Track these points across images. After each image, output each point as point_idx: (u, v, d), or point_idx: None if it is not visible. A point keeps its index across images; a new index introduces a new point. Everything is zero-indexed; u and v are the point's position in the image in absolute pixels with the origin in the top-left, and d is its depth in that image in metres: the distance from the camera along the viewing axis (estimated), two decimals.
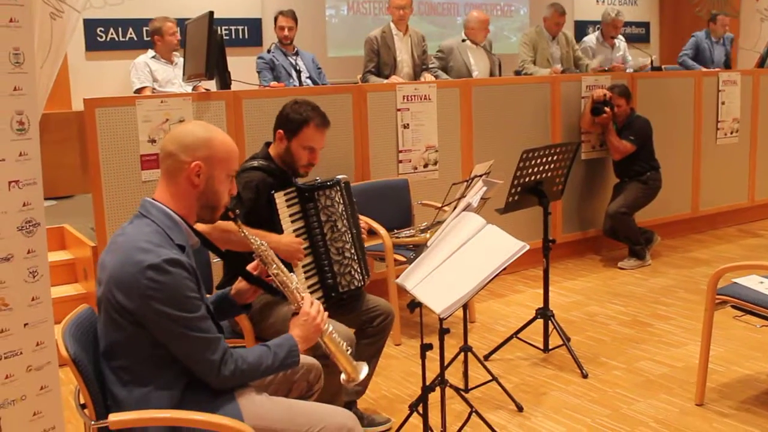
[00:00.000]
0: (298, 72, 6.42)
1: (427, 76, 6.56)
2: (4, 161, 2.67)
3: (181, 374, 2.28)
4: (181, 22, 6.12)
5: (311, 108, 3.47)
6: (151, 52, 6.47)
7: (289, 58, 6.50)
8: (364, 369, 2.63)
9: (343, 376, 2.62)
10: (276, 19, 6.65)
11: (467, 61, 6.87)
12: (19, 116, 2.71)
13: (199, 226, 2.66)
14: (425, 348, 3.03)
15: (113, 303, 2.20)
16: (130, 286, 2.17)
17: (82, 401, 2.26)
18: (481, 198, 3.44)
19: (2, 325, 2.69)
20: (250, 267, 2.66)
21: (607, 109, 6.20)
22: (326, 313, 2.57)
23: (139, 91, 6.28)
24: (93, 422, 2.20)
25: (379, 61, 6.65)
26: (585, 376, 4.15)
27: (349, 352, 2.63)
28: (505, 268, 2.80)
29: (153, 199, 2.37)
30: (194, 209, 2.39)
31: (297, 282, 2.60)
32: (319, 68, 6.73)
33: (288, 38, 6.54)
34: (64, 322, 2.30)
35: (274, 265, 2.55)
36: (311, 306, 2.52)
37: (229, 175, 2.42)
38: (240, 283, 2.69)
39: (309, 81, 6.47)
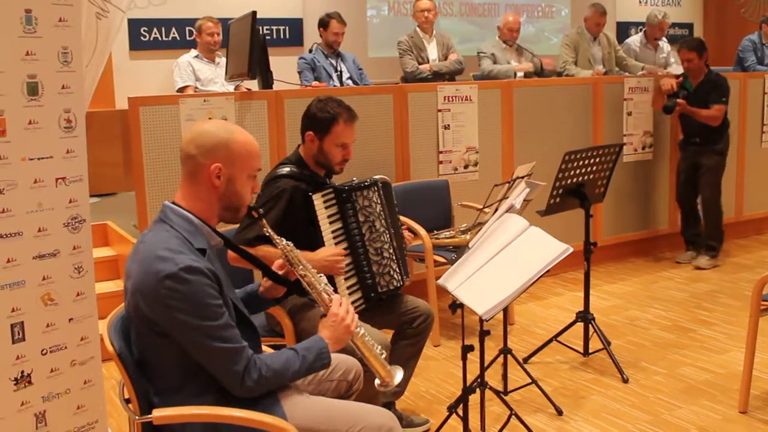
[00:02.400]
0: (339, 73, 6.44)
1: (452, 57, 6.88)
2: (51, 158, 2.70)
3: (210, 383, 2.28)
4: (224, 22, 6.17)
5: (337, 104, 3.43)
6: (194, 52, 6.55)
7: (330, 59, 6.52)
8: (398, 373, 2.59)
9: (377, 381, 2.59)
10: (328, 23, 6.58)
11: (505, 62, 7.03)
12: (66, 114, 2.74)
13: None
14: (466, 349, 3.02)
15: (139, 314, 2.21)
16: (151, 296, 2.17)
17: (126, 396, 2.28)
18: (524, 200, 3.42)
19: (48, 319, 2.72)
20: (275, 266, 2.65)
21: (678, 100, 6.08)
22: (356, 315, 2.53)
23: (181, 90, 6.34)
24: (137, 417, 2.22)
25: None
26: (625, 381, 4.11)
27: (383, 357, 2.60)
28: (547, 271, 2.79)
29: (173, 202, 2.36)
30: (216, 211, 2.38)
31: (326, 283, 2.58)
32: (360, 69, 6.75)
33: (339, 43, 6.56)
34: (109, 318, 2.33)
35: (301, 266, 2.54)
36: (340, 306, 2.49)
37: (251, 174, 2.40)
38: (267, 282, 2.69)
39: (350, 82, 6.49)
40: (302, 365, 2.34)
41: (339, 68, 6.50)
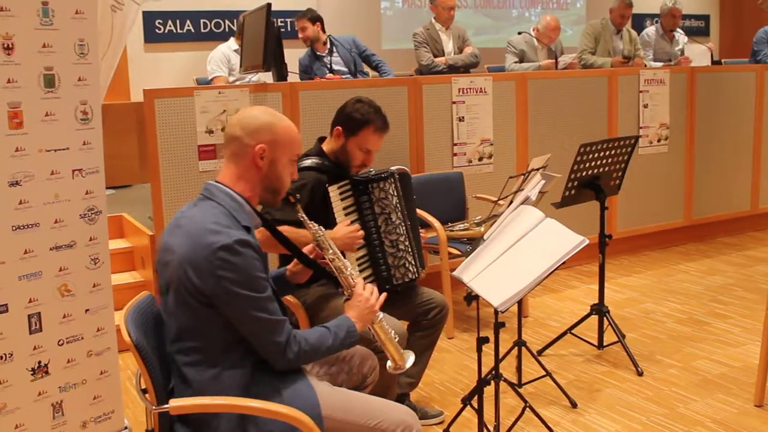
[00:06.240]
0: (334, 72, 6.42)
1: (468, 50, 6.89)
2: (68, 150, 2.72)
3: (249, 352, 2.32)
4: (237, 14, 6.17)
5: (374, 110, 3.43)
6: (234, 45, 6.52)
7: (324, 59, 6.50)
8: (410, 357, 2.67)
9: (389, 364, 2.65)
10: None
11: (535, 60, 7.05)
12: (83, 106, 2.76)
13: None
14: (482, 341, 3.02)
15: (186, 285, 2.23)
16: (203, 267, 2.21)
17: (143, 386, 2.29)
18: (539, 191, 3.40)
19: (65, 310, 2.75)
20: (306, 250, 2.72)
21: None
22: (380, 298, 2.60)
23: (213, 80, 6.35)
24: (154, 407, 2.23)
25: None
26: (640, 374, 4.09)
27: (396, 340, 2.66)
28: (562, 263, 2.78)
29: (216, 181, 2.41)
30: (258, 192, 2.43)
31: (351, 268, 2.66)
32: (364, 51, 6.66)
33: (307, 39, 6.55)
34: (126, 308, 2.33)
35: (331, 251, 2.62)
36: (364, 289, 2.58)
37: (292, 159, 2.47)
38: (295, 266, 2.77)
39: (350, 76, 6.43)
40: (334, 341, 2.43)
41: (331, 66, 6.47)
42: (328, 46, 6.56)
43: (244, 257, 2.23)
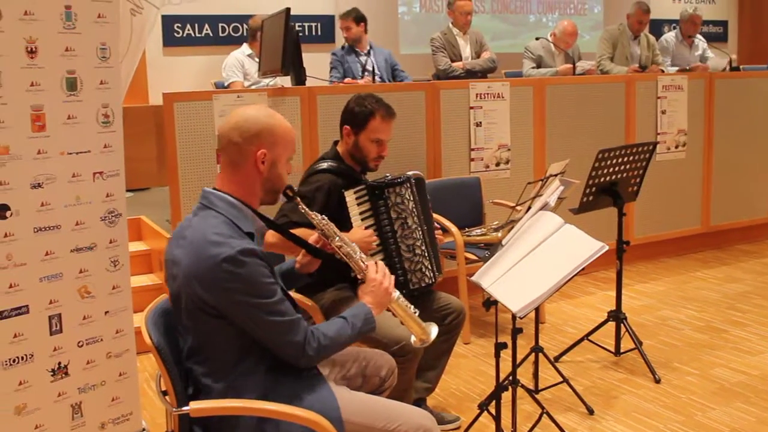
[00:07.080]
0: (367, 72, 6.43)
1: (485, 55, 6.89)
2: (89, 153, 2.74)
3: (262, 359, 2.31)
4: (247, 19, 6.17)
5: (375, 100, 3.46)
6: (247, 50, 6.54)
7: (361, 57, 6.51)
8: (433, 329, 2.63)
9: (413, 338, 2.64)
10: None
11: (552, 65, 7.04)
12: (104, 109, 2.78)
13: None
14: (500, 347, 3.01)
15: (194, 298, 2.23)
16: (208, 280, 2.19)
17: (163, 388, 2.30)
18: (558, 197, 3.40)
19: (85, 312, 2.77)
20: (311, 240, 2.71)
21: None
22: (393, 278, 2.58)
23: (230, 85, 6.38)
24: (174, 409, 2.24)
25: None
26: (657, 381, 4.07)
27: (416, 314, 2.65)
28: (583, 269, 2.77)
29: (214, 188, 2.38)
30: (259, 195, 2.41)
31: (360, 252, 2.64)
32: (396, 65, 6.73)
33: (350, 39, 6.55)
34: (147, 311, 2.34)
35: (337, 238, 2.60)
36: (377, 272, 2.55)
37: (290, 157, 2.45)
38: (303, 258, 2.75)
39: (379, 80, 6.45)
40: (353, 331, 2.42)
41: (367, 66, 6.49)
42: (368, 48, 6.59)
43: (248, 267, 2.20)
